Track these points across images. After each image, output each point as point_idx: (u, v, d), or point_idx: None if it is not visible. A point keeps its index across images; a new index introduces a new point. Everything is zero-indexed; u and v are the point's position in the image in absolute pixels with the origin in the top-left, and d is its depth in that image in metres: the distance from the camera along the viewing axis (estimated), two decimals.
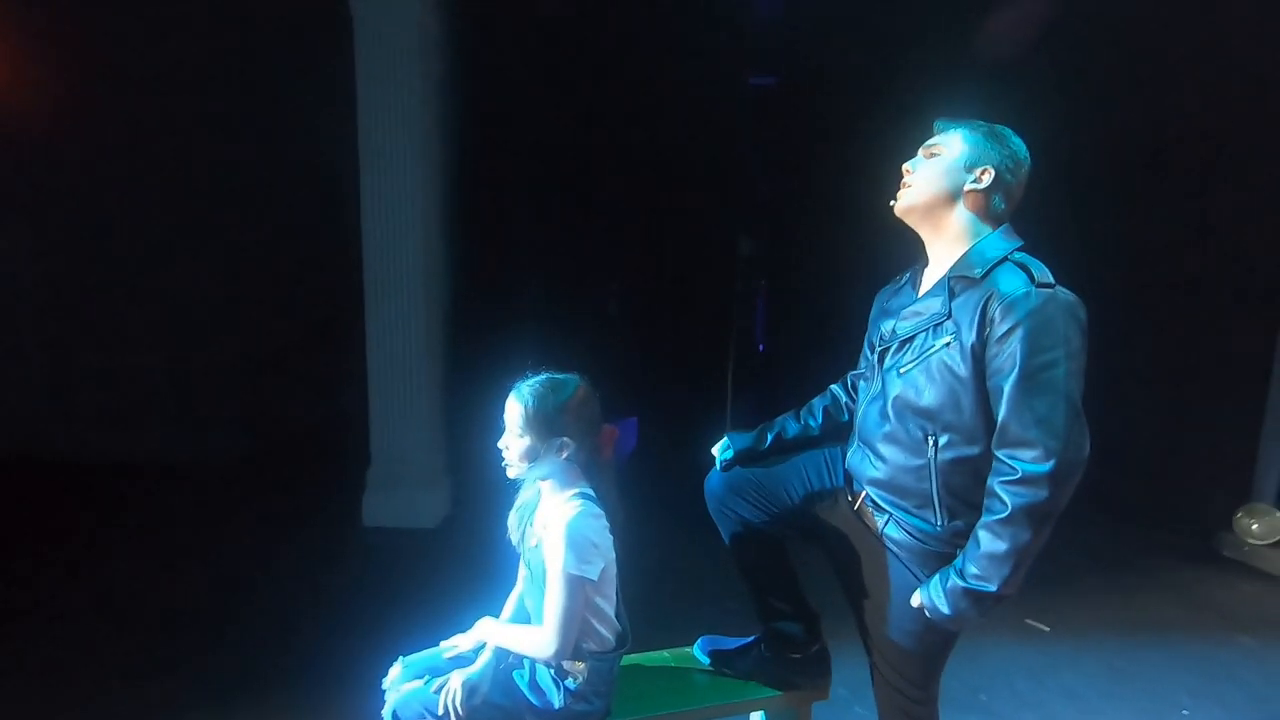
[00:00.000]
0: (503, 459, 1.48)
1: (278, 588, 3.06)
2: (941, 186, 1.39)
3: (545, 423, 1.42)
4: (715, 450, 1.68)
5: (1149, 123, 3.86)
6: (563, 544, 1.39)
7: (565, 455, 1.44)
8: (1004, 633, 2.72)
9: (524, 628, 1.52)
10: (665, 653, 1.81)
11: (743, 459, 1.65)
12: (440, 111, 3.76)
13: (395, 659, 1.58)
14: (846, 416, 1.67)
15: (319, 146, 3.98)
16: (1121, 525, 3.82)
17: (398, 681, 1.52)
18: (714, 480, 1.66)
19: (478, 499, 3.94)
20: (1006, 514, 1.24)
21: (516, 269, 4.30)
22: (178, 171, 4.40)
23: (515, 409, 1.44)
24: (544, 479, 1.49)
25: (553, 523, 1.43)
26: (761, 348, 5.56)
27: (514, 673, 1.51)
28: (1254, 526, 3.38)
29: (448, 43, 3.80)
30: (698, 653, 1.79)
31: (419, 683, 1.48)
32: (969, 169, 1.38)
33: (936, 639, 1.43)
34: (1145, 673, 2.56)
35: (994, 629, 2.67)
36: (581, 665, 1.46)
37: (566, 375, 1.50)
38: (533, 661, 1.50)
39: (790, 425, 1.68)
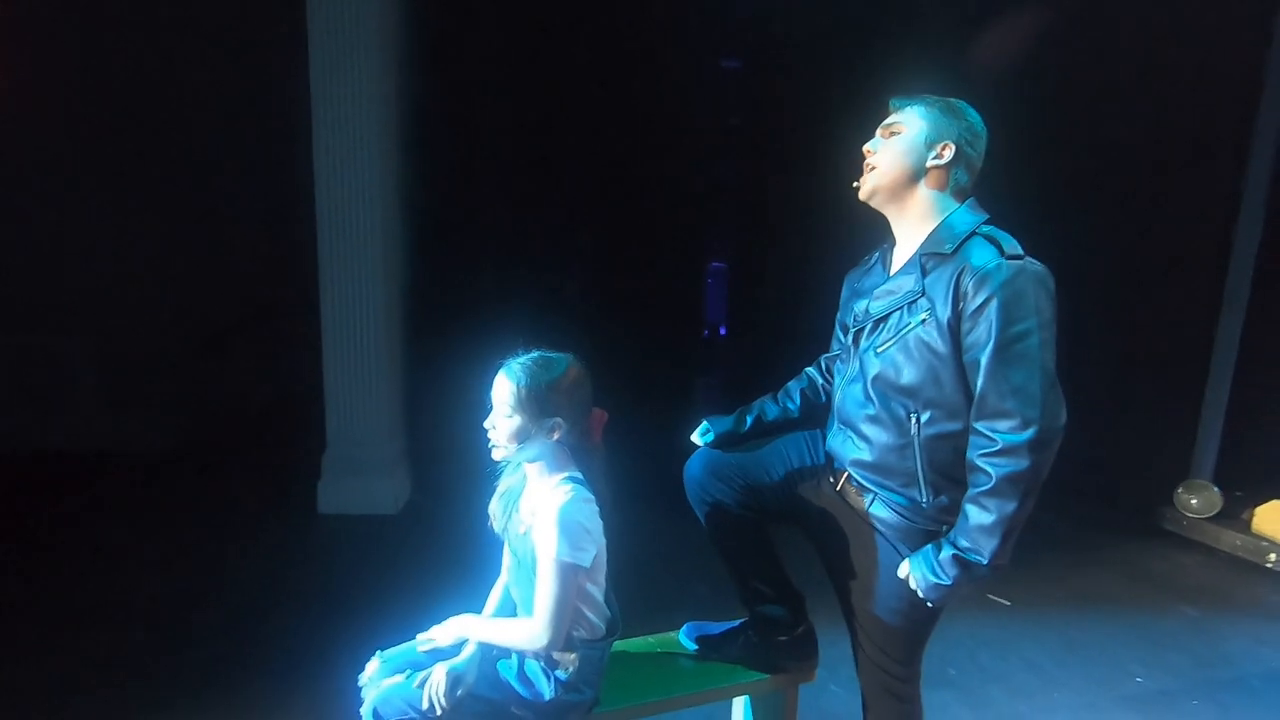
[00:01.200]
0: (488, 440, 1.41)
1: (234, 582, 2.90)
2: (904, 165, 1.39)
3: (537, 402, 1.35)
4: (695, 436, 1.65)
5: (1098, 115, 3.98)
6: (555, 530, 1.33)
7: (556, 437, 1.38)
8: (969, 608, 2.80)
9: (511, 620, 1.46)
10: (650, 639, 1.78)
11: (722, 443, 1.62)
12: (400, 80, 3.59)
13: (369, 653, 1.50)
14: (823, 398, 1.67)
15: (267, 109, 3.75)
16: (1068, 502, 3.98)
17: (376, 677, 1.45)
18: (694, 465, 1.62)
19: (438, 483, 3.84)
20: (991, 485, 1.25)
21: (478, 247, 4.17)
22: (106, 133, 4.03)
23: (506, 386, 1.37)
24: (532, 461, 1.43)
25: (543, 509, 1.38)
26: (724, 331, 5.57)
27: (500, 663, 1.45)
28: (1193, 502, 3.56)
29: (408, 6, 3.62)
30: (683, 639, 1.76)
31: (400, 678, 1.41)
32: (930, 145, 1.38)
33: (921, 616, 1.44)
34: (1098, 643, 2.67)
35: (958, 604, 2.75)
36: (573, 655, 1.42)
37: (559, 354, 1.43)
38: (519, 653, 1.45)
39: (769, 408, 1.66)
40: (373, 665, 1.48)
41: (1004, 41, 3.41)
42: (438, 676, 1.36)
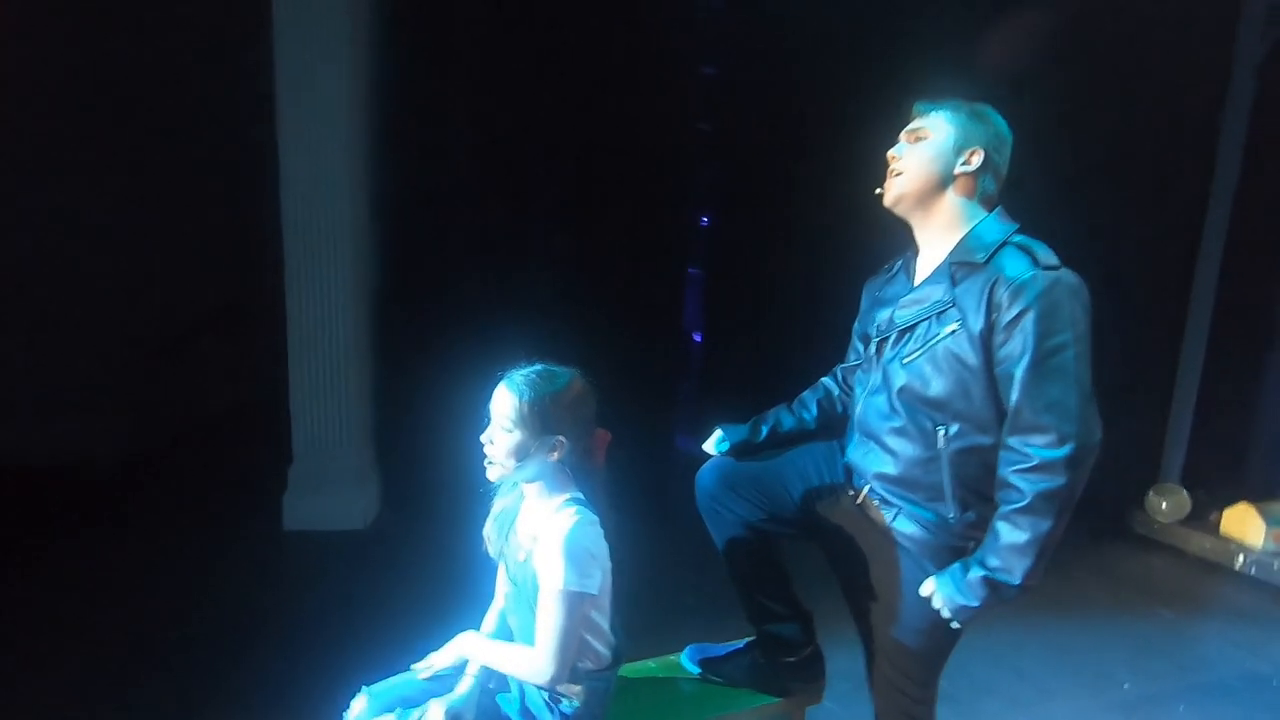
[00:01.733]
0: (485, 456, 1.32)
1: (195, 608, 2.71)
2: (932, 172, 1.35)
3: (540, 418, 1.27)
4: (708, 445, 1.58)
5: (1070, 120, 4.05)
6: (561, 559, 1.24)
7: (557, 456, 1.30)
8: None
9: (514, 647, 1.36)
10: (651, 663, 1.70)
11: (736, 452, 1.56)
12: (371, 75, 3.45)
13: (346, 685, 1.40)
14: (840, 410, 1.62)
15: (228, 99, 3.55)
16: None
17: (364, 716, 1.34)
18: (706, 476, 1.56)
19: (409, 496, 3.70)
20: (1026, 502, 1.21)
21: (452, 249, 4.04)
22: (50, 122, 3.74)
23: (507, 400, 1.28)
24: (530, 481, 1.34)
25: (546, 535, 1.29)
26: (698, 338, 5.52)
27: (499, 697, 1.36)
28: (1163, 505, 3.63)
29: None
30: (685, 662, 1.69)
31: (390, 717, 1.31)
32: (958, 151, 1.34)
33: (943, 636, 1.39)
34: (1083, 649, 2.68)
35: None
36: (578, 688, 1.33)
37: (562, 368, 1.35)
38: (520, 684, 1.36)
39: (785, 418, 1.61)
40: (359, 703, 1.36)
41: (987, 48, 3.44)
42: (434, 715, 1.26)
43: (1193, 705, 2.39)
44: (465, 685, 1.34)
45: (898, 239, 1.53)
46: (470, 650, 1.39)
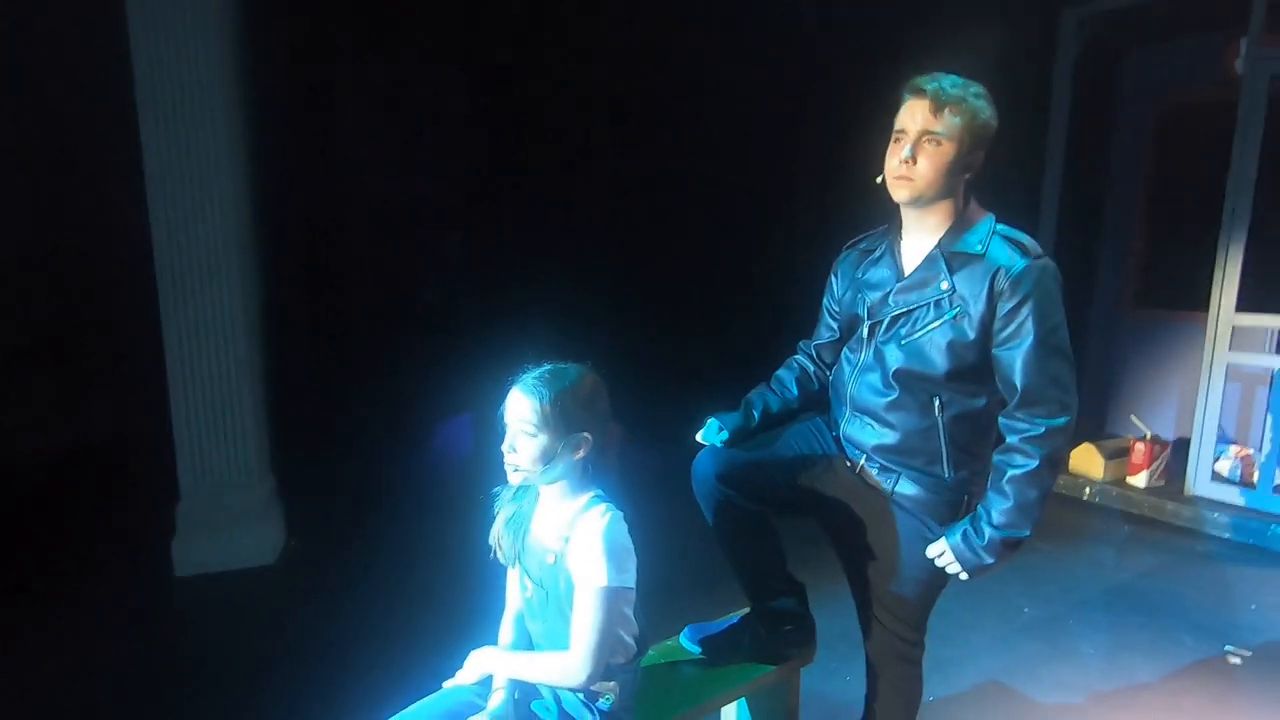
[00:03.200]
0: (512, 465, 1.27)
1: (87, 674, 2.35)
2: (945, 181, 1.40)
3: (563, 416, 1.25)
4: (702, 436, 1.62)
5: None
6: (602, 556, 1.23)
7: (583, 453, 1.29)
8: None
9: (541, 655, 1.33)
10: (651, 651, 1.71)
11: (733, 439, 1.61)
12: (245, 71, 3.13)
13: None
14: (817, 386, 1.71)
15: (86, 89, 3.07)
16: None
17: None
18: (704, 464, 1.59)
19: (317, 522, 3.44)
20: (1036, 465, 1.36)
21: (344, 263, 3.78)
22: None
23: (526, 405, 1.25)
24: (555, 482, 1.32)
25: (581, 534, 1.27)
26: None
27: (534, 704, 1.33)
28: None
29: None
30: (685, 643, 1.72)
31: None
32: (969, 158, 1.40)
33: (937, 584, 1.54)
34: (987, 586, 2.96)
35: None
36: (612, 684, 1.33)
37: (570, 365, 1.33)
38: (553, 689, 1.33)
39: (770, 399, 1.68)
40: None
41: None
42: None
43: (1079, 619, 2.79)
44: (498, 699, 1.30)
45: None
46: (493, 665, 1.34)
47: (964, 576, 1.46)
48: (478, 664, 1.36)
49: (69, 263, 3.43)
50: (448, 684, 1.38)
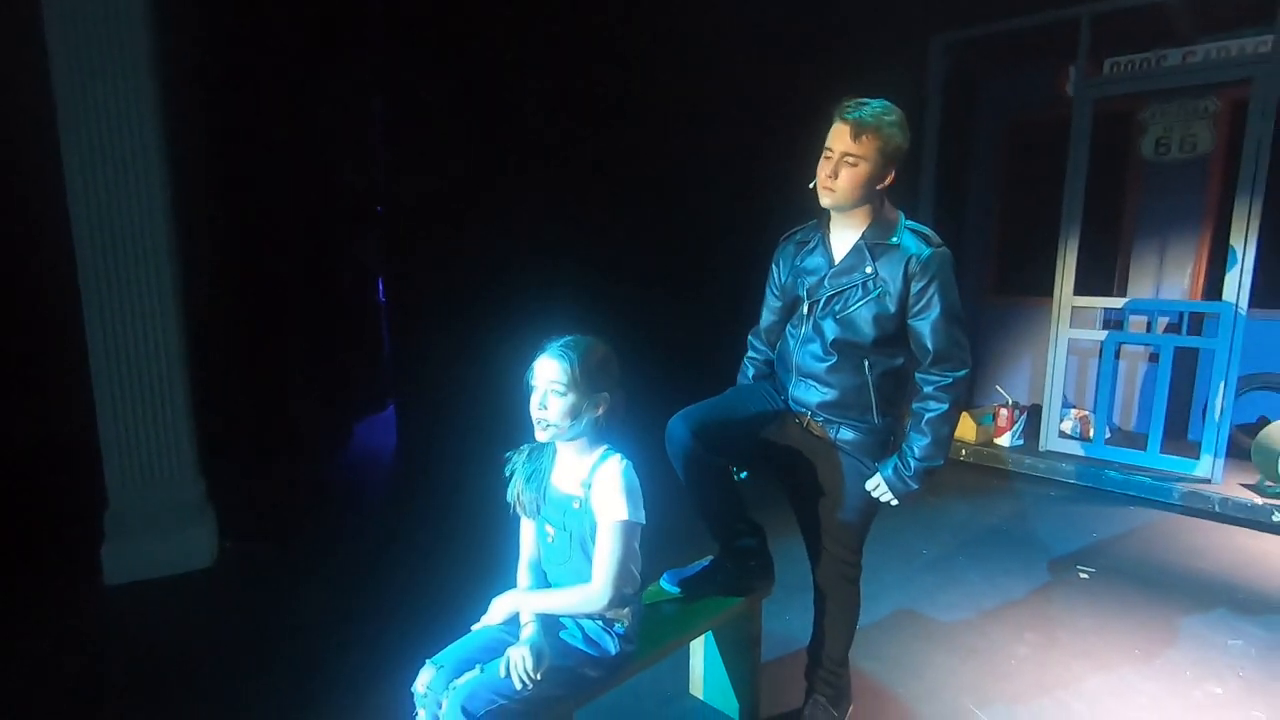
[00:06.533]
0: (543, 421, 1.47)
1: (22, 703, 2.21)
2: (863, 192, 1.71)
3: (589, 378, 1.46)
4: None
5: None
6: (622, 495, 1.46)
7: (602, 410, 1.50)
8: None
9: (566, 589, 1.53)
10: None
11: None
12: (168, 49, 3.03)
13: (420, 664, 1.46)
14: (773, 353, 2.01)
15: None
16: None
17: (438, 684, 1.41)
18: (678, 426, 1.83)
19: (255, 521, 3.38)
20: (946, 409, 1.72)
21: (274, 258, 3.70)
22: None
23: (556, 367, 1.45)
24: (573, 439, 1.52)
25: (602, 478, 1.48)
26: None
27: (561, 634, 1.53)
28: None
29: None
30: (665, 585, 1.97)
31: (473, 672, 1.41)
32: (883, 173, 1.70)
33: (872, 512, 1.88)
34: (890, 533, 3.47)
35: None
36: (625, 610, 1.55)
37: (584, 336, 1.53)
38: (574, 620, 1.54)
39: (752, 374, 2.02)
40: (427, 674, 1.44)
41: None
42: (519, 655, 1.39)
43: (966, 555, 3.30)
44: (529, 630, 1.48)
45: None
46: (519, 604, 1.52)
47: (895, 502, 1.80)
48: (504, 606, 1.54)
49: None
50: (476, 626, 1.54)
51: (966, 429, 4.68)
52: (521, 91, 4.06)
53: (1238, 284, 3.82)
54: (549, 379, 1.45)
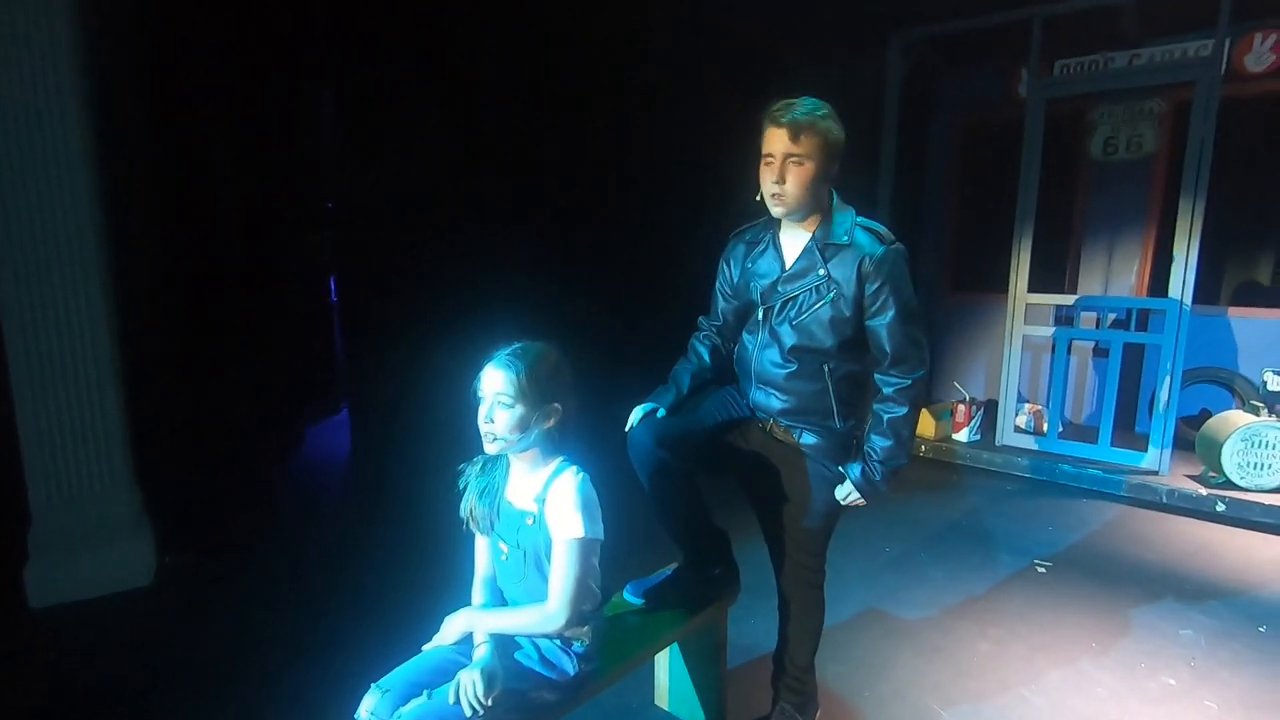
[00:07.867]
0: (490, 434, 1.39)
1: None
2: (811, 192, 1.66)
3: (538, 388, 1.39)
4: (637, 416, 1.79)
5: None
6: (578, 511, 1.39)
7: (553, 422, 1.43)
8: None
9: (521, 609, 1.46)
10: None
11: (669, 411, 1.81)
12: (93, 43, 2.85)
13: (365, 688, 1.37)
14: (724, 352, 1.94)
15: None
16: None
17: (383, 708, 1.33)
18: (641, 434, 1.77)
19: (196, 534, 3.22)
20: (905, 411, 1.69)
21: (209, 255, 3.52)
22: None
23: (502, 378, 1.37)
24: (524, 451, 1.45)
25: (556, 493, 1.41)
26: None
27: (516, 654, 1.45)
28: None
29: None
30: (628, 597, 1.91)
31: (420, 699, 1.32)
32: (828, 168, 1.66)
33: (835, 516, 1.84)
34: (854, 532, 3.48)
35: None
36: (585, 628, 1.49)
37: (534, 342, 1.46)
38: (530, 639, 1.47)
39: (691, 371, 1.90)
40: (371, 700, 1.35)
41: None
42: (469, 680, 1.31)
43: (927, 551, 3.32)
44: (481, 652, 1.40)
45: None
46: (473, 623, 1.44)
47: (863, 504, 1.77)
48: (457, 625, 1.46)
49: None
50: (427, 646, 1.46)
51: (926, 425, 4.73)
52: (480, 84, 3.95)
53: (1182, 281, 3.93)
54: (495, 390, 1.37)
